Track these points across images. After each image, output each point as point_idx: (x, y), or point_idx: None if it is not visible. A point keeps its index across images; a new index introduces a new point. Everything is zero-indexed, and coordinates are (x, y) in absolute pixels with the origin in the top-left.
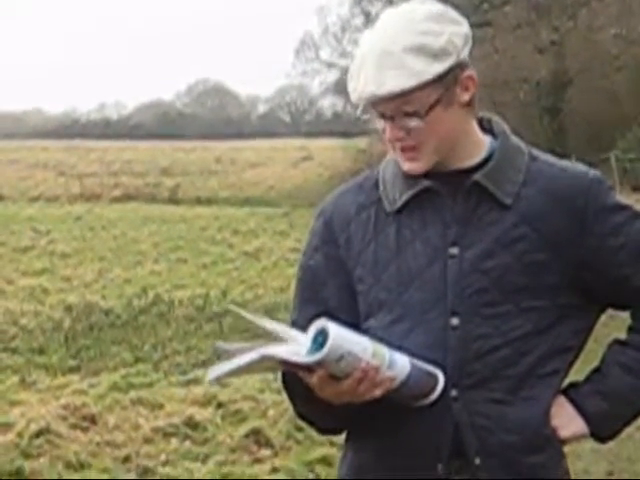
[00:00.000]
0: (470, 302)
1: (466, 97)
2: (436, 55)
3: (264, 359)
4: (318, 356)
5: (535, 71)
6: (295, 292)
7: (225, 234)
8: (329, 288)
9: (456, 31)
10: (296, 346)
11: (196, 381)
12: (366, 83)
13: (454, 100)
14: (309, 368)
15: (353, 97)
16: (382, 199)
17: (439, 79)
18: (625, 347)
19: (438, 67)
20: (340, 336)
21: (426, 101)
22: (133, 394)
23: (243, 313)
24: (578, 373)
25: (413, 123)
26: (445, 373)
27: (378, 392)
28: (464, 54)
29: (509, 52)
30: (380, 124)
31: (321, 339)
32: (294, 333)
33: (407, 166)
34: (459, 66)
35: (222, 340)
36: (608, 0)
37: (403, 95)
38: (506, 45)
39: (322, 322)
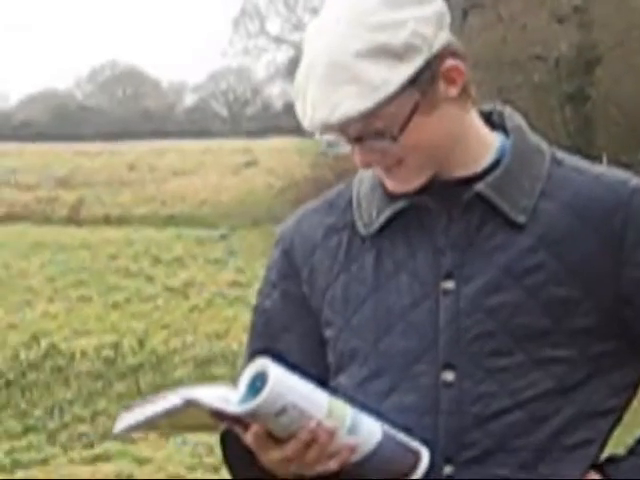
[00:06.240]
0: (470, 351)
1: (454, 91)
2: (400, 55)
3: (189, 405)
4: (250, 405)
5: (553, 46)
6: (247, 342)
7: (142, 264)
8: (289, 337)
9: (422, 15)
10: (231, 391)
11: (105, 456)
12: (315, 108)
13: (438, 99)
14: (241, 421)
15: (304, 123)
16: (355, 220)
17: (411, 83)
18: None
19: (406, 71)
20: (283, 383)
21: (400, 113)
22: (21, 474)
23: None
24: (618, 443)
25: (387, 143)
26: (436, 445)
27: (333, 464)
28: (439, 42)
29: (518, 21)
30: (348, 147)
31: (259, 384)
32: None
33: (393, 186)
34: (435, 59)
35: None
36: None
37: (367, 115)
38: (514, 11)
39: (262, 362)
